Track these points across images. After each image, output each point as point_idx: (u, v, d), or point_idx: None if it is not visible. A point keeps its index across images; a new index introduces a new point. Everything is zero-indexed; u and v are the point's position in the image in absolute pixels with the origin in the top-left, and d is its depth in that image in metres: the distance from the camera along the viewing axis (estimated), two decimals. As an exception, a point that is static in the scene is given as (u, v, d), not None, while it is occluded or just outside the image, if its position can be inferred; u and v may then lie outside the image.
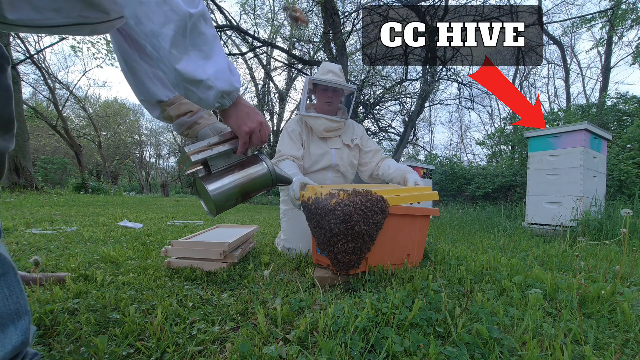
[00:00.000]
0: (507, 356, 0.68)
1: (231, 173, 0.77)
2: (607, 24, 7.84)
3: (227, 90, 0.68)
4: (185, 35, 0.61)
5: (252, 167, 0.78)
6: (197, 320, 0.83)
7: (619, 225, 2.47)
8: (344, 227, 1.06)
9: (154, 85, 0.82)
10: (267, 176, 0.78)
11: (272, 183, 0.81)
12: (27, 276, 1.02)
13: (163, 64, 0.62)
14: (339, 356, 0.66)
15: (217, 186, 0.75)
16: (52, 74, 13.59)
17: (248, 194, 0.79)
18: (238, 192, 0.77)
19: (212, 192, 0.74)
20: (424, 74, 9.52)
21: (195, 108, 0.83)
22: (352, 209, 1.05)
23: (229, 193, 0.76)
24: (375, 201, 1.10)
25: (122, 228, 2.48)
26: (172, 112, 0.83)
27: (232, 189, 0.76)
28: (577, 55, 15.61)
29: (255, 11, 10.71)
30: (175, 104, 0.83)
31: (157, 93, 0.82)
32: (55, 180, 14.73)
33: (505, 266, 1.38)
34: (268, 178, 0.78)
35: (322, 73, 1.75)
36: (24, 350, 0.52)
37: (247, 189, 0.78)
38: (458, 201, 7.45)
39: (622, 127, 6.55)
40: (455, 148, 23.61)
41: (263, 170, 0.78)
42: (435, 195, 1.36)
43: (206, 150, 0.74)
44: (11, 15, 0.61)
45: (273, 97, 16.74)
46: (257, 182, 0.78)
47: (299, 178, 1.37)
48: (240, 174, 0.77)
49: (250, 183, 0.77)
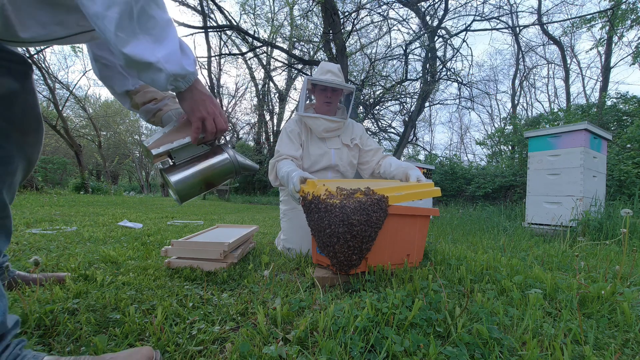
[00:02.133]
0: (507, 356, 0.68)
1: (194, 164, 0.79)
2: (607, 24, 7.83)
3: (179, 74, 0.68)
4: (132, 19, 0.60)
5: (215, 157, 0.79)
6: (197, 320, 0.83)
7: (619, 225, 2.47)
8: (343, 228, 1.06)
9: (122, 77, 0.83)
10: (229, 165, 0.80)
11: (236, 171, 0.82)
12: (27, 276, 1.02)
13: (112, 47, 0.63)
14: (339, 356, 0.66)
15: (180, 177, 0.77)
16: (52, 74, 13.58)
17: (212, 182, 0.82)
18: (201, 181, 0.80)
19: (175, 183, 0.77)
20: (424, 74, 9.51)
21: (160, 95, 0.84)
22: (351, 210, 1.04)
23: (191, 183, 0.78)
24: (376, 201, 1.10)
25: (122, 228, 2.48)
26: (138, 99, 0.84)
27: (194, 179, 0.78)
28: (577, 55, 15.58)
29: (255, 11, 10.71)
30: (141, 92, 0.83)
31: (125, 83, 0.83)
32: (55, 180, 14.72)
33: (505, 266, 1.38)
34: (230, 166, 0.80)
35: (321, 73, 1.75)
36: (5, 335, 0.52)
37: (210, 178, 0.80)
38: (458, 201, 7.45)
39: (622, 127, 6.54)
40: (455, 148, 23.63)
41: (225, 159, 0.79)
42: (437, 191, 1.35)
43: (166, 143, 0.74)
44: (23, 34, 0.65)
45: (273, 97, 16.75)
46: (219, 172, 0.80)
47: (299, 173, 1.37)
48: (202, 164, 0.79)
49: (212, 173, 0.80)
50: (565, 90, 12.76)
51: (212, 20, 11.23)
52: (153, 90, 0.83)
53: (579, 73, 15.64)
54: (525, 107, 18.19)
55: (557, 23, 10.46)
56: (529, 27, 10.63)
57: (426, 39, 8.85)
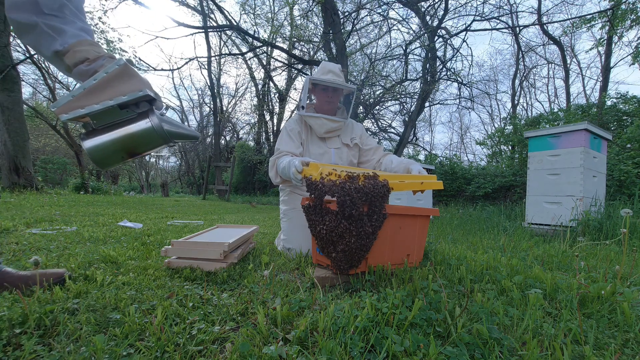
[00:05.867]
0: (507, 356, 0.68)
1: (112, 130, 0.72)
2: (607, 24, 7.83)
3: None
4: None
5: (137, 123, 0.72)
6: (197, 320, 0.83)
7: (619, 225, 2.47)
8: (342, 227, 1.06)
9: (48, 36, 0.74)
10: (151, 132, 0.72)
11: (164, 140, 0.75)
12: (27, 276, 1.01)
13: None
14: (339, 356, 0.66)
15: (94, 144, 0.71)
16: (52, 74, 13.58)
17: (134, 151, 0.75)
18: (119, 149, 0.73)
19: (88, 150, 0.72)
20: (424, 74, 9.51)
21: (93, 55, 0.75)
22: (354, 189, 1.05)
23: (108, 150, 0.72)
24: (380, 185, 1.09)
25: (122, 228, 2.48)
26: (68, 60, 0.75)
27: (110, 146, 0.72)
28: (577, 55, 15.61)
29: (255, 11, 10.72)
30: (70, 52, 0.75)
31: (52, 43, 0.75)
32: (55, 180, 14.72)
33: (505, 266, 1.38)
34: (153, 134, 0.72)
35: (322, 73, 1.75)
36: None
37: (131, 146, 0.74)
38: (458, 201, 7.45)
39: (622, 127, 6.54)
40: (455, 148, 23.65)
41: (147, 127, 0.72)
42: (439, 184, 1.34)
43: (75, 108, 0.68)
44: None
45: (273, 97, 16.75)
46: (141, 140, 0.73)
47: (301, 158, 1.38)
48: (121, 131, 0.72)
49: (132, 141, 0.73)
50: (565, 90, 12.76)
51: (212, 20, 11.23)
52: (84, 49, 0.74)
53: (579, 73, 15.67)
54: (525, 107, 18.22)
55: (557, 23, 10.46)
56: (529, 27, 10.63)
57: (426, 39, 8.84)
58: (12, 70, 6.48)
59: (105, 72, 0.69)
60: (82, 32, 0.76)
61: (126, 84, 0.70)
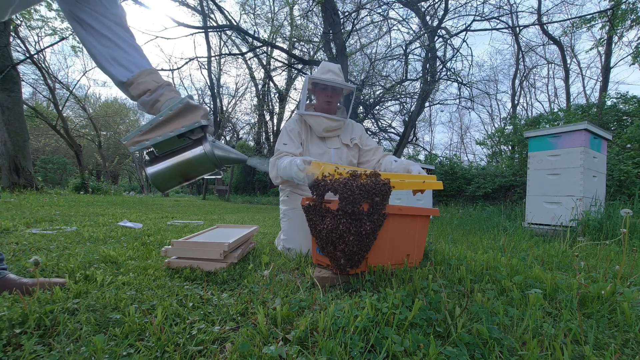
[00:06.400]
0: (507, 356, 0.68)
1: (171, 158, 0.82)
2: (607, 24, 7.83)
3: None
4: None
5: (192, 151, 0.81)
6: (197, 320, 0.83)
7: (619, 225, 2.47)
8: (342, 227, 1.06)
9: (113, 68, 0.83)
10: (204, 158, 0.81)
11: (215, 165, 0.84)
12: (28, 282, 1.00)
13: None
14: (339, 356, 0.66)
15: (155, 170, 0.81)
16: (52, 74, 13.58)
17: (189, 176, 0.85)
18: (177, 175, 0.83)
19: (150, 176, 0.81)
20: (424, 74, 9.51)
21: (153, 85, 0.83)
22: (356, 186, 1.05)
23: (167, 176, 0.82)
24: (381, 184, 1.10)
25: (122, 228, 2.48)
26: (133, 92, 0.84)
27: (169, 173, 0.81)
28: (577, 55, 15.60)
29: (255, 11, 10.72)
30: (134, 84, 0.83)
31: (116, 75, 0.83)
32: (55, 180, 14.72)
33: (505, 266, 1.38)
34: (205, 160, 0.81)
35: (322, 72, 1.76)
36: None
37: (186, 172, 0.83)
38: (458, 201, 7.45)
39: (622, 127, 6.54)
40: (455, 148, 23.64)
41: (201, 154, 0.81)
42: (439, 184, 1.35)
43: (142, 142, 0.78)
44: None
45: (273, 97, 16.75)
46: (195, 166, 0.82)
47: (302, 157, 1.38)
48: (178, 159, 0.81)
49: (188, 167, 0.82)
50: (565, 90, 12.76)
51: (212, 20, 11.23)
52: (145, 81, 0.82)
53: (579, 73, 15.66)
54: (525, 107, 18.22)
55: (557, 23, 10.46)
56: (529, 27, 10.63)
57: (426, 39, 8.84)
58: (12, 70, 6.48)
59: (170, 109, 0.77)
60: (140, 56, 0.84)
61: (185, 118, 0.79)
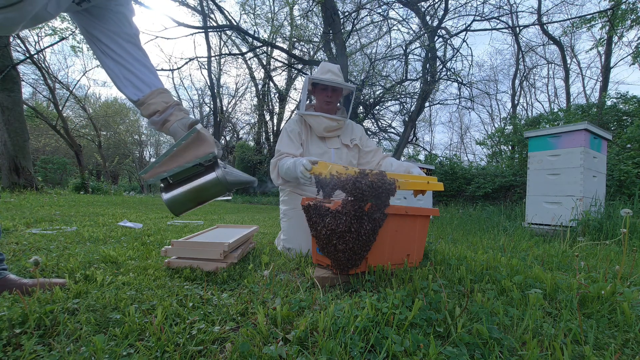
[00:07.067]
0: (507, 356, 0.68)
1: (185, 184, 0.86)
2: (607, 24, 7.83)
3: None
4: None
5: (205, 177, 0.86)
6: (197, 320, 0.83)
7: (619, 225, 2.47)
8: (343, 227, 1.06)
9: (125, 87, 0.86)
10: (216, 183, 0.86)
11: (227, 189, 0.89)
12: (28, 282, 1.00)
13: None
14: (339, 356, 0.66)
15: (170, 196, 0.85)
16: (52, 74, 13.58)
17: (201, 200, 0.89)
18: (190, 200, 0.87)
19: (166, 201, 0.86)
20: (424, 74, 9.51)
21: (162, 106, 0.85)
22: (365, 184, 1.06)
23: (181, 201, 0.86)
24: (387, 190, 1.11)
25: (122, 228, 2.48)
26: (144, 112, 0.87)
27: (183, 198, 0.86)
28: (577, 55, 15.59)
29: (255, 11, 10.72)
30: (145, 104, 0.85)
31: (128, 94, 0.86)
32: (55, 180, 14.71)
33: (505, 266, 1.38)
34: (218, 185, 0.86)
35: (322, 72, 1.76)
36: None
37: (199, 197, 0.88)
38: (458, 201, 7.45)
39: (622, 127, 6.54)
40: (455, 148, 23.64)
41: (213, 180, 0.85)
42: (440, 185, 1.36)
43: (159, 173, 0.83)
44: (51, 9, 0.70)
45: (273, 97, 16.74)
46: (208, 191, 0.87)
47: (307, 157, 1.39)
48: (192, 185, 0.86)
49: (201, 192, 0.87)
50: (565, 90, 12.76)
51: (212, 20, 11.23)
52: (155, 102, 0.85)
53: (579, 73, 15.66)
54: (525, 107, 18.20)
55: (557, 23, 10.46)
56: (529, 27, 10.62)
57: (426, 39, 8.84)
58: (12, 70, 6.48)
59: (183, 139, 0.81)
60: (152, 75, 0.87)
61: (199, 149, 0.83)
